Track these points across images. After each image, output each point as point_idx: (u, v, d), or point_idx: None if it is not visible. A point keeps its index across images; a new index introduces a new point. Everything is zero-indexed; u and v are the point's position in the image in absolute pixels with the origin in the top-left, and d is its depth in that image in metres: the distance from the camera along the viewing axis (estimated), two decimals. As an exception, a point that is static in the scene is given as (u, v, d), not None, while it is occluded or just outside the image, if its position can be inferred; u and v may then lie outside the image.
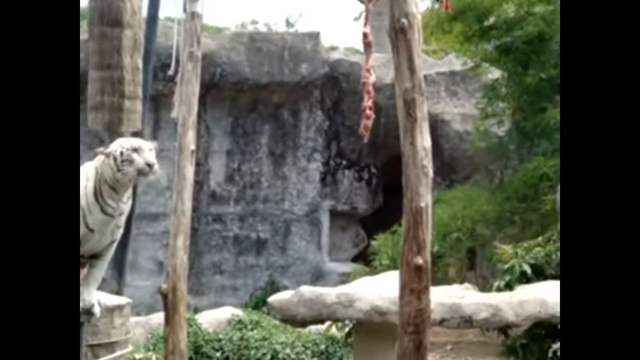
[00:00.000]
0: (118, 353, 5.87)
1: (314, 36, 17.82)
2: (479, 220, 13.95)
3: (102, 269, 5.19)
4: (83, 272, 5.08)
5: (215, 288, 17.80)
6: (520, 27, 13.38)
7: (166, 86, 12.84)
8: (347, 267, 17.45)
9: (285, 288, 15.90)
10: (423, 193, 5.33)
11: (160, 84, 13.48)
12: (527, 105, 14.09)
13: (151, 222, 17.02)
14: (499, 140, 15.26)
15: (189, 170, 7.93)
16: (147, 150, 4.90)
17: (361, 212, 18.43)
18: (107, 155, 4.92)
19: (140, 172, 4.82)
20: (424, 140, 5.35)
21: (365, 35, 6.08)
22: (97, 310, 5.11)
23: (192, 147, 7.93)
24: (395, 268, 11.14)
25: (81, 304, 4.95)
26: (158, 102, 15.58)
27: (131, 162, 4.82)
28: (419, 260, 5.31)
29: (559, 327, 8.90)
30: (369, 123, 6.23)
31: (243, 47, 17.52)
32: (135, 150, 4.87)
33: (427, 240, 5.37)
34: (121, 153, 4.87)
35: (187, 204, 7.82)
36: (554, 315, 8.71)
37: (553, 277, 10.43)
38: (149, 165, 4.83)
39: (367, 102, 6.20)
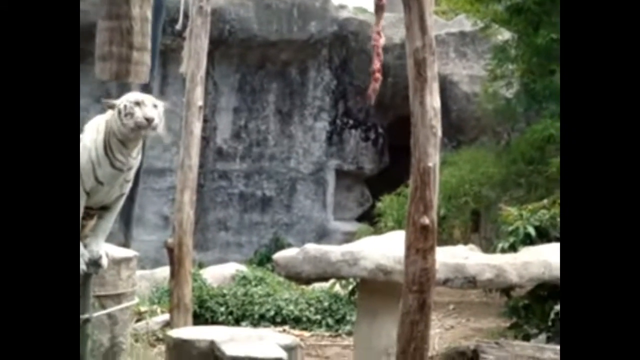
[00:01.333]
0: (125, 304, 5.94)
1: (323, -6, 17.69)
2: (484, 183, 13.97)
3: (110, 221, 5.23)
4: (91, 223, 5.12)
5: (220, 244, 17.91)
6: (533, -14, 13.25)
7: (174, 41, 12.77)
8: (352, 227, 17.52)
9: (290, 246, 15.97)
10: (431, 153, 5.35)
11: (169, 39, 13.39)
12: (536, 67, 14.00)
13: (157, 177, 17.07)
14: (506, 102, 15.19)
15: (197, 127, 7.96)
16: (149, 105, 4.88)
17: (367, 172, 18.45)
18: (113, 108, 4.92)
19: (139, 126, 4.81)
20: (434, 100, 5.36)
21: (378, -2, 6.07)
22: (104, 261, 5.16)
23: (200, 103, 7.96)
24: (400, 229, 11.20)
25: (89, 255, 4.99)
26: (166, 57, 15.50)
27: (132, 115, 4.81)
28: (426, 220, 5.35)
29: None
30: (377, 86, 6.24)
31: (252, 3, 17.41)
32: (138, 103, 4.85)
33: (434, 200, 5.40)
34: (125, 106, 4.86)
35: (195, 160, 7.87)
36: (557, 277, 8.73)
37: (557, 240, 10.45)
38: (148, 120, 4.81)
39: (376, 65, 6.21)
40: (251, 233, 17.99)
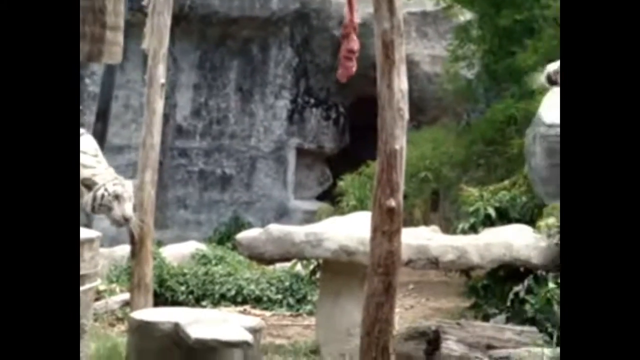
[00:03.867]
0: (87, 286, 5.83)
1: (286, -29, 17.54)
2: (445, 163, 14.05)
3: None
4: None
5: (179, 222, 17.78)
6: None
7: (134, 16, 12.54)
8: (312, 206, 17.51)
9: (250, 224, 15.94)
10: (398, 135, 5.32)
11: (129, 13, 13.15)
12: (497, 48, 14.08)
13: (116, 154, 16.82)
14: (467, 82, 15.27)
15: (159, 104, 7.84)
16: (127, 200, 4.76)
17: (327, 151, 18.42)
18: (90, 188, 4.73)
19: (117, 223, 4.72)
20: (401, 82, 5.33)
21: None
22: None
23: (162, 80, 7.83)
24: (362, 209, 11.23)
25: None
26: (125, 32, 15.24)
27: (109, 209, 4.70)
28: (392, 203, 5.33)
29: (521, 269, 9.05)
30: (351, 67, 6.22)
31: (214, -21, 17.20)
32: (117, 197, 4.73)
33: (401, 183, 5.38)
34: (102, 196, 4.73)
35: (157, 138, 7.74)
36: (517, 259, 8.84)
37: (517, 221, 10.57)
38: (126, 219, 4.73)
39: (347, 46, 6.19)
40: (211, 211, 17.88)
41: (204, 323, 5.09)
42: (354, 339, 6.51)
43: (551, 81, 4.71)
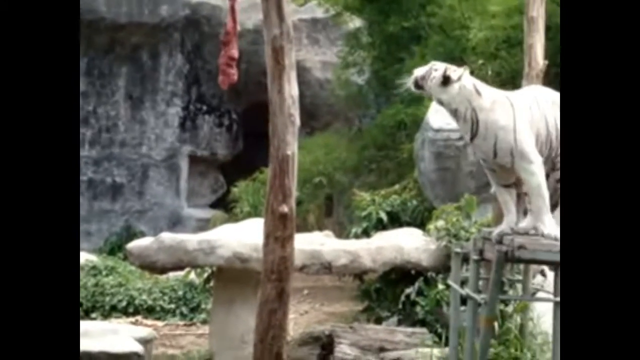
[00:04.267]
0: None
1: (175, -24, 17.34)
2: (338, 168, 14.18)
3: None
4: None
5: (68, 233, 17.28)
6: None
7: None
8: (206, 213, 17.36)
9: (142, 233, 15.65)
10: (290, 141, 5.35)
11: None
12: (386, 54, 14.31)
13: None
14: (358, 88, 15.46)
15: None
16: None
17: (221, 158, 18.30)
18: None
19: None
20: (292, 88, 5.36)
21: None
22: None
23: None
24: (256, 215, 11.20)
25: None
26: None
27: None
28: (284, 209, 5.35)
29: (412, 272, 9.22)
30: (232, 74, 6.22)
31: (100, -16, 16.83)
32: None
33: (293, 188, 5.41)
34: None
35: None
36: (408, 261, 9.02)
37: (408, 224, 10.78)
38: None
39: (228, 53, 6.19)
40: (101, 221, 17.47)
41: (93, 335, 4.97)
42: (248, 347, 6.49)
43: (417, 86, 4.80)
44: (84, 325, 5.72)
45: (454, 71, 4.74)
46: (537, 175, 4.54)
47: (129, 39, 17.37)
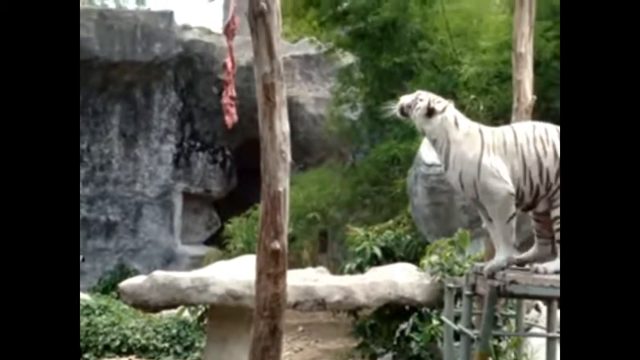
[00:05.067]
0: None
1: (167, 15, 17.48)
2: (332, 203, 14.18)
3: None
4: None
5: (61, 272, 17.20)
6: (375, 12, 13.60)
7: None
8: (200, 250, 17.32)
9: (136, 272, 15.58)
10: (281, 177, 5.34)
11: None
12: (379, 90, 14.38)
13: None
14: (351, 124, 15.52)
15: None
16: None
17: (215, 195, 18.31)
18: None
19: None
20: (283, 124, 5.37)
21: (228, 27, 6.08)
22: None
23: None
24: (250, 252, 11.18)
25: None
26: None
27: None
28: (276, 245, 5.33)
29: (407, 307, 9.18)
30: (234, 113, 6.27)
31: (93, 24, 16.94)
32: None
33: (285, 224, 5.39)
34: None
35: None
36: (402, 297, 8.98)
37: (402, 259, 10.77)
38: None
39: (230, 93, 6.24)
40: (95, 260, 17.40)
41: (84, 376, 4.92)
42: (242, 385, 6.43)
43: (403, 113, 4.86)
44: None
45: (438, 102, 4.78)
46: (499, 205, 4.55)
47: (122, 77, 17.46)
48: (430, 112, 4.74)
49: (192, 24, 18.84)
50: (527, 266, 4.69)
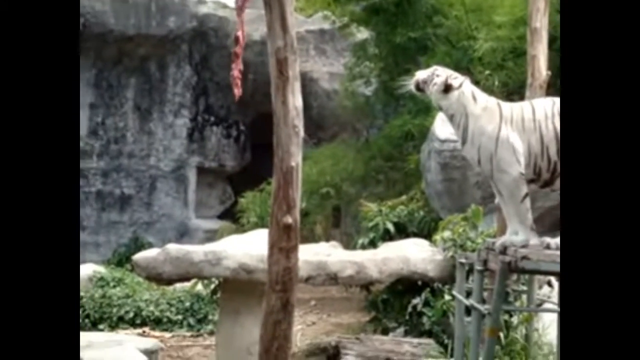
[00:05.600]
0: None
1: (182, -12, 17.44)
2: (345, 179, 14.19)
3: None
4: None
5: (76, 244, 17.31)
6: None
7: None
8: (214, 224, 17.39)
9: (150, 245, 15.68)
10: (294, 152, 5.35)
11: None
12: (393, 65, 14.32)
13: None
14: (365, 99, 15.47)
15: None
16: None
17: (229, 169, 18.35)
18: None
19: None
20: (296, 99, 5.36)
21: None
22: None
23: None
24: (263, 226, 11.21)
25: None
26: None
27: None
28: (289, 220, 5.35)
29: (419, 282, 9.21)
30: (240, 87, 6.29)
31: (108, -4, 16.94)
32: None
33: (297, 199, 5.41)
34: None
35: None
36: (415, 272, 9.00)
37: (415, 235, 10.78)
38: None
39: (239, 66, 6.26)
40: (109, 232, 17.52)
41: (97, 346, 4.98)
42: (253, 358, 6.48)
43: (419, 88, 4.86)
44: (89, 336, 5.73)
45: (455, 78, 4.76)
46: (510, 186, 4.54)
47: (137, 51, 17.46)
48: (447, 88, 4.73)
49: (207, -3, 18.80)
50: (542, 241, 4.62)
